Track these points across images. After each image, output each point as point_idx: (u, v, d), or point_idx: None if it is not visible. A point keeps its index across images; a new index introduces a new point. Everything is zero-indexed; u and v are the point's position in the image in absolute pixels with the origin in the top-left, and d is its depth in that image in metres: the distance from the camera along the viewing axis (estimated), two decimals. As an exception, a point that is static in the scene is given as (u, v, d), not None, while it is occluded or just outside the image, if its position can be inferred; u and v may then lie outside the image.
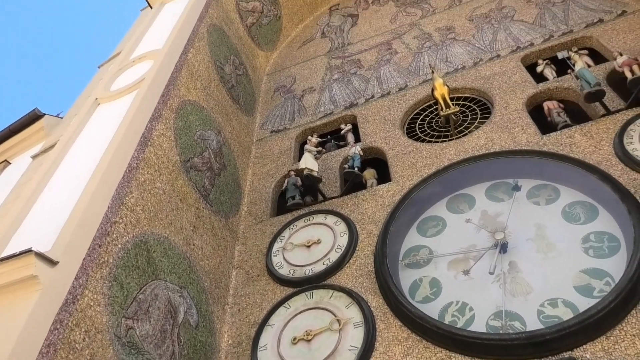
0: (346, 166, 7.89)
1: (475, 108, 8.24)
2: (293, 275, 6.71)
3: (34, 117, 11.13)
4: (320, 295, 6.25)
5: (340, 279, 6.41)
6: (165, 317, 5.39)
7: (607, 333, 4.64)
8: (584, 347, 4.63)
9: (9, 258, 4.33)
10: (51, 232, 4.93)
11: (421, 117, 8.67)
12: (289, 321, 6.13)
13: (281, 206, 8.31)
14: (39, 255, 4.34)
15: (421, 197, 6.94)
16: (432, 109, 8.59)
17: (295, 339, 5.83)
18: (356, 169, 7.71)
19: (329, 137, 9.27)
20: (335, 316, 5.89)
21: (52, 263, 4.42)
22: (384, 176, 7.82)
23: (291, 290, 6.56)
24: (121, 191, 5.61)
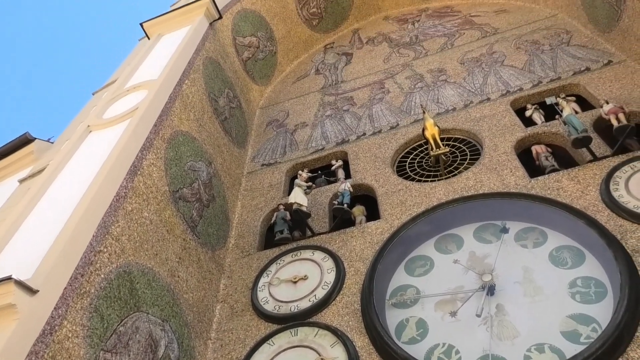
0: (336, 202, 7.90)
1: (465, 149, 8.34)
2: (278, 311, 6.60)
3: (25, 141, 11.11)
4: (305, 332, 6.14)
5: (326, 317, 6.31)
6: (145, 351, 5.25)
7: (594, 381, 4.58)
8: (571, 395, 4.56)
9: (-12, 285, 4.23)
10: (33, 259, 4.83)
11: (411, 156, 8.75)
12: (273, 359, 5.99)
13: (269, 240, 8.25)
14: (19, 283, 4.23)
15: (410, 236, 6.93)
16: (423, 149, 8.68)
17: (278, 378, 5.69)
18: (345, 206, 7.71)
19: (320, 173, 9.30)
20: (319, 355, 5.76)
21: (32, 292, 4.31)
22: (373, 213, 7.82)
23: (276, 326, 6.44)
24: (107, 220, 5.55)
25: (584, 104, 8.27)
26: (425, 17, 13.82)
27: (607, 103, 7.38)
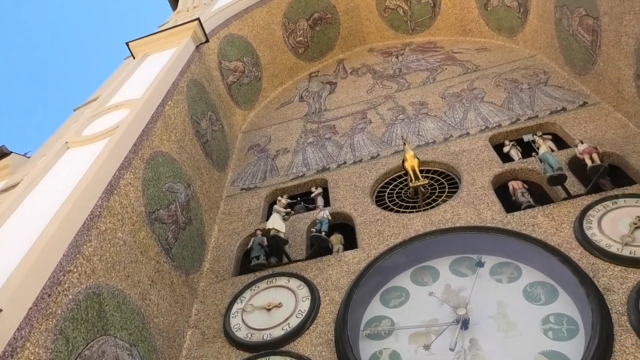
0: (313, 230, 7.87)
1: (443, 182, 8.43)
2: (250, 339, 6.47)
3: (0, 154, 10.89)
4: (276, 362, 6.02)
5: (299, 346, 6.21)
6: (110, 377, 5.08)
7: (565, 420, 4.57)
8: None
9: (-51, 302, 4.07)
10: (-1, 277, 4.69)
11: (391, 187, 8.81)
12: (242, 388, 5.86)
13: (245, 265, 8.15)
14: (-18, 301, 4.10)
15: (386, 266, 6.92)
16: (402, 180, 8.75)
17: (246, 408, 5.55)
18: (323, 233, 7.69)
19: (299, 199, 9.29)
20: (290, 385, 5.65)
21: (-5, 311, 4.17)
22: (351, 242, 7.81)
23: (247, 354, 6.31)
24: (79, 239, 5.42)
25: (560, 143, 8.47)
26: (409, 51, 14.12)
27: (582, 143, 7.58)
